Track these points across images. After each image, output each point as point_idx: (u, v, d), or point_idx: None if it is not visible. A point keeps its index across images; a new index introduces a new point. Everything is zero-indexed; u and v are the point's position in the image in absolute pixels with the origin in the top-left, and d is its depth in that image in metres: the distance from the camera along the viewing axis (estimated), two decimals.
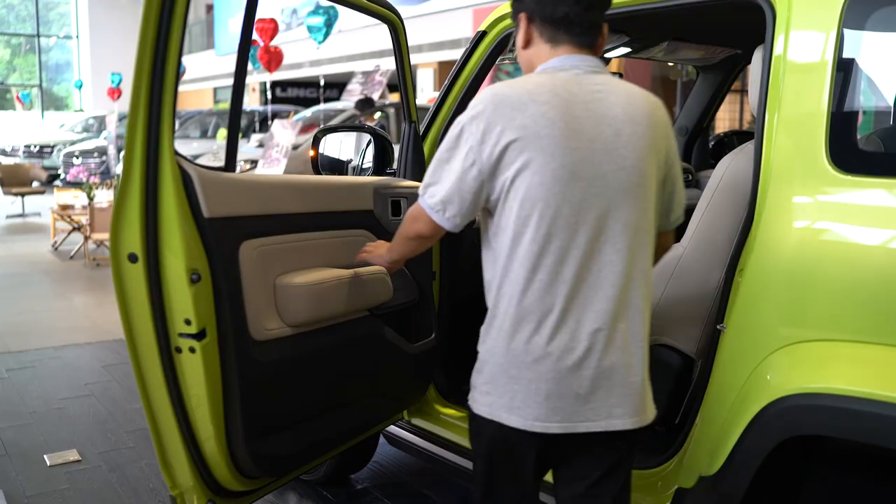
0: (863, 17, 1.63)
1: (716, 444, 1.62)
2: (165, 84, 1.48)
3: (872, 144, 1.85)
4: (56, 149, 15.72)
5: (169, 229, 1.52)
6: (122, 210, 1.51)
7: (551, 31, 1.53)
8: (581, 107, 1.42)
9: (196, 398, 1.64)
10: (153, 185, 1.50)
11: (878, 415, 1.31)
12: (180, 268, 1.53)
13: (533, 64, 1.59)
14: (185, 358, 1.58)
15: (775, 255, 1.54)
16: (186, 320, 1.56)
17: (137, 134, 1.48)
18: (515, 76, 5.60)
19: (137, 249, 1.51)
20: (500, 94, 1.43)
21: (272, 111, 11.15)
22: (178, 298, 1.55)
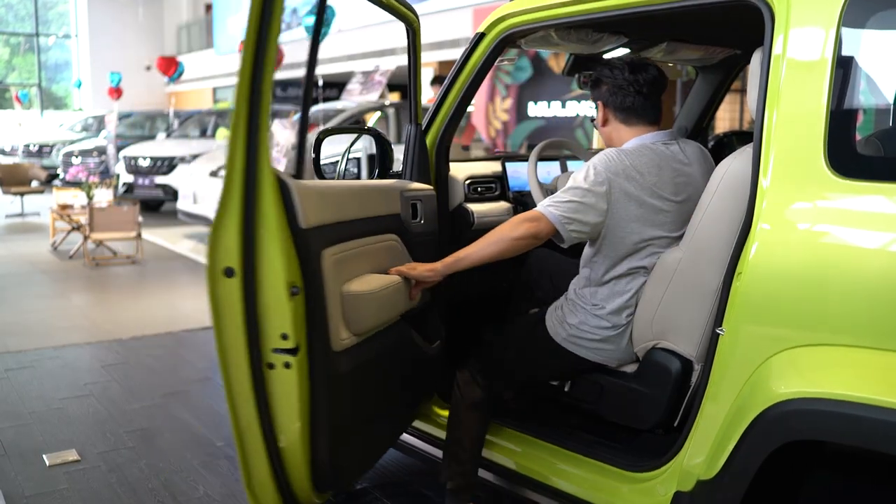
0: (862, 17, 1.63)
1: (714, 447, 1.62)
2: (263, 100, 1.46)
3: (871, 147, 1.85)
4: (55, 148, 15.70)
5: (269, 242, 1.47)
6: (222, 225, 1.46)
7: (624, 115, 2.13)
8: None
9: (286, 415, 1.58)
10: (252, 198, 1.45)
11: (876, 420, 1.31)
12: (280, 281, 1.48)
13: (612, 138, 2.18)
14: (278, 374, 1.53)
15: (773, 259, 1.54)
16: (283, 335, 1.51)
17: (238, 149, 1.44)
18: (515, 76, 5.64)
19: (235, 263, 1.47)
20: None
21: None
22: (275, 313, 1.50)
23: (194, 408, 3.71)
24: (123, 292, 6.50)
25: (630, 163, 2.04)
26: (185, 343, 4.88)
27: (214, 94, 24.25)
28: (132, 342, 4.86)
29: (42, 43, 26.91)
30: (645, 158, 2.05)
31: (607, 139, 2.22)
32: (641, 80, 2.10)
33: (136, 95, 23.41)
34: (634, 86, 2.10)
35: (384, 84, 9.40)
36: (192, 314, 5.63)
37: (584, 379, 2.22)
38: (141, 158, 10.79)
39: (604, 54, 2.82)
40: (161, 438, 3.34)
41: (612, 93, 2.13)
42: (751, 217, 1.60)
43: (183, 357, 4.59)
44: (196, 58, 23.32)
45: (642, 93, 2.10)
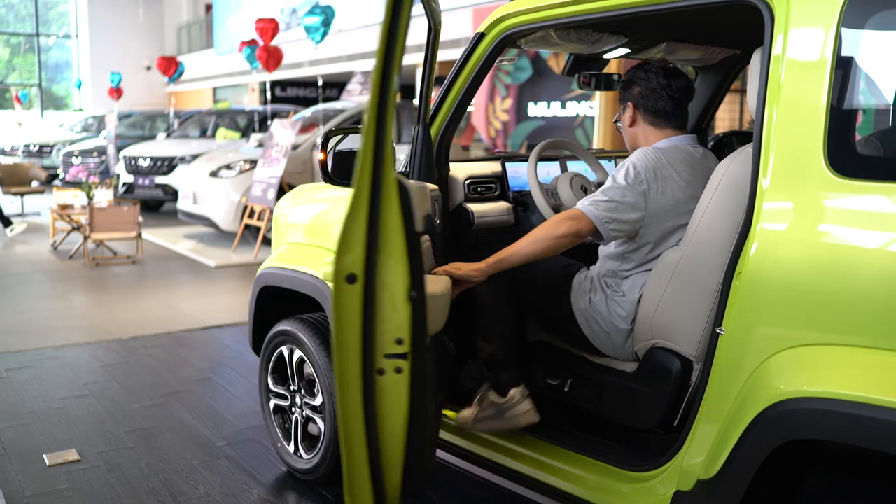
0: (862, 17, 1.63)
1: (714, 447, 1.62)
2: (389, 108, 1.46)
3: (871, 147, 1.85)
4: (55, 148, 15.71)
5: (392, 248, 1.47)
6: (350, 232, 1.45)
7: (653, 118, 2.21)
8: None
9: (392, 420, 1.58)
10: (378, 204, 1.44)
11: (875, 419, 1.31)
12: (400, 286, 1.48)
13: (637, 139, 2.24)
14: (389, 380, 1.53)
15: (773, 259, 1.54)
16: (398, 340, 1.51)
17: (367, 156, 1.42)
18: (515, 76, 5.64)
19: (358, 270, 1.46)
20: None
21: (272, 111, 11.14)
22: (392, 318, 1.50)
23: (194, 408, 3.71)
24: (123, 292, 6.50)
25: (667, 160, 2.11)
26: (185, 343, 4.89)
27: (214, 94, 24.25)
28: (132, 342, 4.86)
29: (42, 43, 26.92)
30: (679, 157, 2.13)
31: (632, 140, 2.28)
32: (675, 86, 2.18)
33: (137, 95, 23.43)
34: (668, 90, 2.17)
35: None
36: (192, 314, 5.63)
37: (583, 378, 2.22)
38: (141, 158, 10.79)
39: (604, 54, 2.82)
40: (161, 438, 3.35)
41: (644, 95, 2.20)
42: (750, 217, 1.60)
43: (183, 357, 4.59)
44: (196, 58, 23.33)
45: (674, 98, 2.18)
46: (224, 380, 4.15)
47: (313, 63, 15.97)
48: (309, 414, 2.86)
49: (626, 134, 2.31)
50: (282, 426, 3.04)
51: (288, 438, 3.00)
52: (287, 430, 3.01)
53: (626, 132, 2.31)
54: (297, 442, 2.93)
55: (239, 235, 8.31)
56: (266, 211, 7.79)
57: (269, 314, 3.09)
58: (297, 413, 2.93)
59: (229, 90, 23.49)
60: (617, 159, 3.19)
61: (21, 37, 27.10)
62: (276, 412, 3.06)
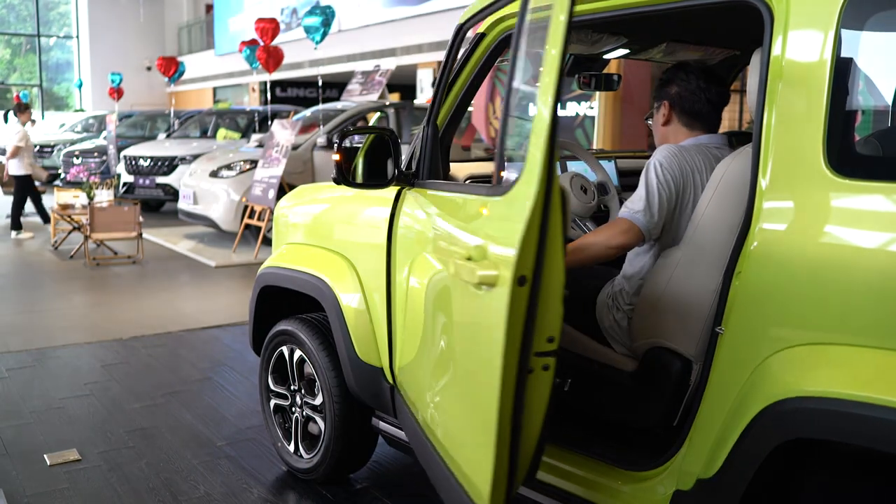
0: (861, 18, 1.64)
1: (714, 446, 1.62)
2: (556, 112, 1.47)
3: (870, 147, 1.85)
4: (56, 148, 15.71)
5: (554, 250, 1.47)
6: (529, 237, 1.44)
7: (688, 119, 2.22)
8: None
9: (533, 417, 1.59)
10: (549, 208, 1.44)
11: (875, 418, 1.31)
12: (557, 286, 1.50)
13: (667, 138, 2.26)
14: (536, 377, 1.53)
15: (773, 259, 1.55)
16: (549, 338, 1.52)
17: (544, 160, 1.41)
18: None
19: (529, 272, 1.45)
20: None
21: (272, 111, 11.15)
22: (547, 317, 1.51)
23: (195, 407, 3.72)
24: (124, 292, 6.50)
25: (689, 158, 2.13)
26: (185, 343, 4.89)
27: (215, 95, 24.27)
28: (132, 342, 4.87)
29: (43, 43, 26.93)
30: (700, 156, 2.15)
31: (662, 138, 2.30)
32: (713, 90, 2.20)
33: (137, 96, 23.44)
34: (706, 93, 2.19)
35: (384, 84, 9.41)
36: (192, 314, 5.64)
37: (583, 378, 2.22)
38: (141, 158, 10.79)
39: (604, 55, 2.82)
40: (161, 438, 3.35)
41: (681, 96, 2.22)
42: (750, 217, 1.60)
43: (183, 357, 4.60)
44: (196, 58, 23.34)
45: (711, 101, 2.20)
46: (224, 379, 4.15)
47: (313, 63, 15.98)
48: (309, 413, 2.86)
49: (657, 132, 2.32)
50: (282, 426, 3.04)
51: (288, 438, 3.00)
52: (287, 429, 3.01)
53: (657, 130, 2.32)
54: (298, 441, 2.93)
55: (239, 235, 8.32)
56: (266, 211, 7.80)
57: (270, 314, 3.09)
58: (297, 413, 2.93)
59: (229, 90, 23.51)
60: (617, 159, 3.19)
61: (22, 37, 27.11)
62: (277, 412, 3.06)
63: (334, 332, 2.63)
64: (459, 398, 1.74)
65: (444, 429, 1.87)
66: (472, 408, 1.65)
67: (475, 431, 1.62)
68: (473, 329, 1.65)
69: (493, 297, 1.49)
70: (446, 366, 1.85)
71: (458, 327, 1.77)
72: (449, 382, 1.83)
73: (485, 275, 1.48)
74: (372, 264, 2.51)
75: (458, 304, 1.75)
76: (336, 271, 2.65)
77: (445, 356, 1.85)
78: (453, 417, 1.80)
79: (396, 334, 2.42)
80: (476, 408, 1.62)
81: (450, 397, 1.83)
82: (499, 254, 1.50)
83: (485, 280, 1.49)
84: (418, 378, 2.13)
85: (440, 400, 1.90)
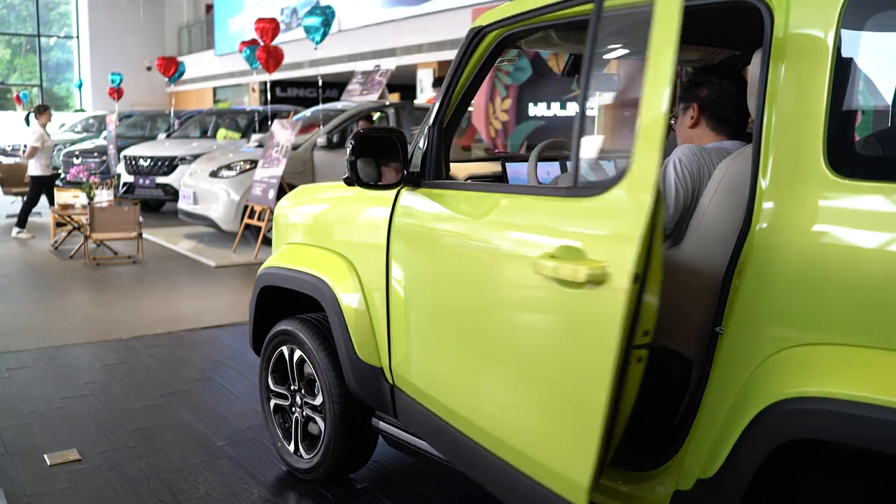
0: (861, 18, 1.64)
1: (714, 446, 1.62)
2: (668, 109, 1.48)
3: (870, 147, 1.86)
4: (56, 149, 15.70)
5: (656, 247, 1.50)
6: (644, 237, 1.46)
7: (716, 123, 2.23)
8: None
9: (623, 408, 1.61)
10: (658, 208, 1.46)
11: (875, 419, 1.32)
12: (658, 282, 1.53)
13: (692, 140, 2.24)
14: (632, 369, 1.57)
15: (773, 259, 1.55)
16: (645, 332, 1.55)
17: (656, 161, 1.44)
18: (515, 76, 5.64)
19: (641, 270, 1.48)
20: None
21: (272, 111, 11.15)
22: (646, 312, 1.54)
23: (195, 407, 3.72)
24: (124, 292, 6.50)
25: (708, 160, 2.14)
26: (185, 343, 4.89)
27: (215, 95, 24.27)
28: (132, 342, 4.87)
29: (43, 43, 26.93)
30: (719, 160, 2.14)
31: (686, 139, 2.28)
32: (743, 95, 2.18)
33: (137, 96, 23.45)
34: (737, 99, 2.19)
35: (384, 84, 9.41)
36: (192, 314, 5.64)
37: None
38: (142, 158, 10.79)
39: (604, 55, 2.82)
40: (161, 438, 3.35)
41: (711, 99, 2.21)
42: (750, 217, 1.61)
43: (183, 357, 4.60)
44: (197, 58, 23.34)
45: (740, 108, 2.19)
46: (224, 379, 4.15)
47: (313, 63, 15.98)
48: (309, 414, 2.86)
49: (682, 133, 2.31)
50: (282, 426, 3.04)
51: (288, 438, 3.00)
52: (287, 429, 3.01)
53: (683, 131, 2.31)
54: (298, 441, 2.93)
55: (239, 235, 8.32)
56: (266, 211, 7.80)
57: (270, 314, 3.09)
58: (297, 413, 2.93)
59: (230, 90, 23.52)
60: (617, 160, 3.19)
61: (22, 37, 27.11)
62: (277, 412, 3.06)
63: (334, 332, 2.63)
64: (545, 395, 1.74)
65: (508, 429, 1.86)
66: (566, 403, 1.67)
67: (570, 426, 1.64)
68: (568, 327, 1.66)
69: (600, 295, 1.51)
70: (514, 365, 1.84)
71: (537, 326, 1.77)
72: (522, 381, 1.82)
73: (593, 273, 1.50)
74: (372, 264, 2.51)
75: (536, 304, 1.76)
76: (336, 271, 2.65)
77: (512, 355, 1.85)
78: (530, 415, 1.79)
79: (402, 333, 2.42)
80: (574, 402, 1.63)
81: (523, 395, 1.82)
82: (608, 253, 1.52)
83: (593, 278, 1.51)
84: (454, 379, 2.12)
85: (502, 400, 1.90)
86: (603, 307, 1.51)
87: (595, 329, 1.54)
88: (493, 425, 1.91)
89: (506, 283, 1.90)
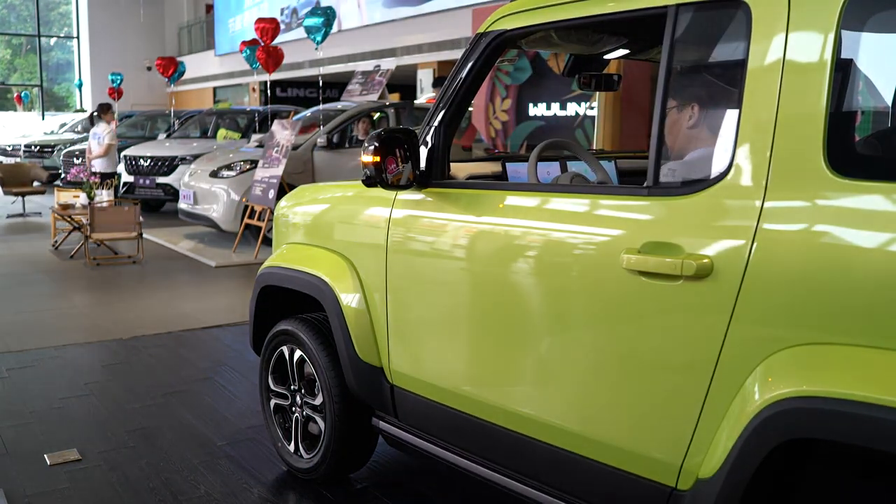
0: (861, 19, 1.64)
1: (714, 446, 1.62)
2: None
3: (870, 147, 1.86)
4: (56, 149, 15.72)
5: None
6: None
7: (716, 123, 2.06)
8: None
9: None
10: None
11: (875, 418, 1.32)
12: None
13: (690, 140, 2.10)
14: None
15: (773, 259, 1.55)
16: None
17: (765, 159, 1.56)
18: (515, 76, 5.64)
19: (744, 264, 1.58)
20: None
21: (272, 111, 11.15)
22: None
23: (195, 407, 3.72)
24: (124, 292, 6.51)
25: None
26: (185, 343, 4.89)
27: (215, 95, 24.27)
28: (132, 342, 4.87)
29: (43, 44, 26.94)
30: None
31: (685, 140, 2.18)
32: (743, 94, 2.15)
33: (137, 96, 23.46)
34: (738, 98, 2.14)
35: (384, 84, 9.41)
36: (192, 314, 5.64)
37: None
38: (141, 158, 10.80)
39: (604, 55, 2.82)
40: (162, 438, 3.35)
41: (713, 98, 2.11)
42: None
43: (183, 357, 4.60)
44: (197, 58, 23.34)
45: None
46: (224, 379, 4.15)
47: (313, 63, 15.98)
48: (309, 413, 2.86)
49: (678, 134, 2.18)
50: (282, 426, 3.04)
51: (288, 438, 3.00)
52: (287, 429, 3.01)
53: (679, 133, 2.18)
54: (298, 441, 2.93)
55: (239, 235, 8.32)
56: (266, 211, 7.80)
57: (270, 314, 3.09)
58: (297, 413, 2.93)
59: (230, 90, 23.51)
60: (617, 160, 3.19)
61: (22, 37, 27.12)
62: (277, 412, 3.06)
63: (334, 331, 2.63)
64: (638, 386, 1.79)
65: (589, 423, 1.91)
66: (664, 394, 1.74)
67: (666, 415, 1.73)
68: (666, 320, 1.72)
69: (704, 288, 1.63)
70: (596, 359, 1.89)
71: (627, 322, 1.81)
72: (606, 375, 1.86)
73: (701, 265, 1.61)
74: (372, 264, 2.51)
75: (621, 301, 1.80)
76: (336, 271, 2.65)
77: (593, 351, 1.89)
78: (619, 407, 1.84)
79: (406, 331, 2.42)
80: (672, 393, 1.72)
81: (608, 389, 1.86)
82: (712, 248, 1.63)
83: (700, 272, 1.62)
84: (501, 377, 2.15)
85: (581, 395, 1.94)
86: (710, 299, 1.62)
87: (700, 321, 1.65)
88: (559, 417, 1.97)
89: (579, 283, 1.92)
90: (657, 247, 1.71)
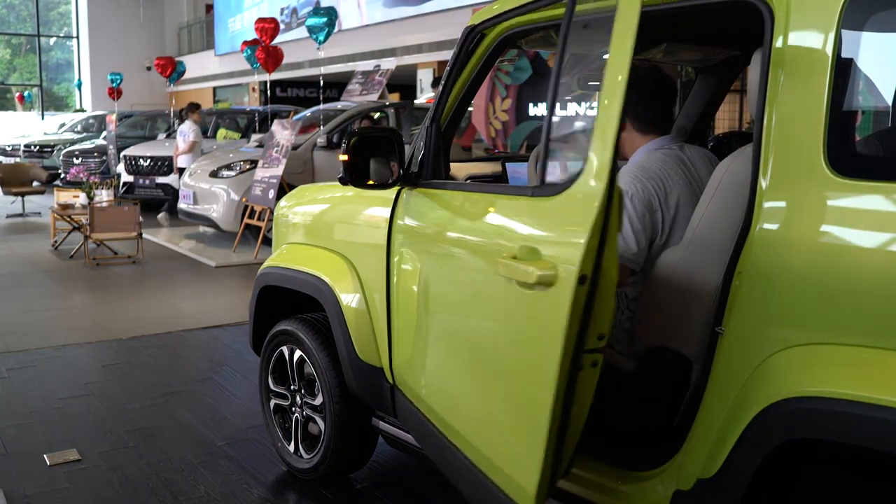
0: (862, 18, 1.64)
1: (714, 446, 1.62)
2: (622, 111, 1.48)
3: (871, 147, 1.85)
4: (56, 149, 15.71)
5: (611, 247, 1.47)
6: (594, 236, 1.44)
7: (641, 125, 2.22)
8: None
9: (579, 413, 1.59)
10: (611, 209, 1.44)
11: (875, 418, 1.32)
12: (612, 284, 1.51)
13: (623, 145, 2.22)
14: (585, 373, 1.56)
15: (773, 259, 1.55)
16: (600, 335, 1.54)
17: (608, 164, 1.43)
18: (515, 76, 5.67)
19: (589, 271, 1.45)
20: None
21: (272, 111, 11.15)
22: (600, 315, 1.52)
23: (195, 407, 3.72)
24: (124, 292, 6.50)
25: (654, 169, 2.13)
26: (185, 343, 4.89)
27: (215, 95, 24.26)
28: (132, 342, 4.87)
29: (43, 43, 26.93)
30: (661, 160, 2.15)
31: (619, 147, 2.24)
32: (663, 91, 2.19)
33: (137, 96, 23.44)
34: (657, 97, 2.19)
35: (384, 84, 9.40)
36: (192, 314, 5.64)
37: None
38: (141, 158, 10.79)
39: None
40: (161, 438, 3.35)
41: (634, 102, 2.15)
42: (750, 217, 1.60)
43: (183, 357, 4.60)
44: (196, 58, 23.33)
45: (662, 105, 2.20)
46: (224, 380, 4.15)
47: (313, 63, 15.97)
48: (309, 414, 2.86)
49: None
50: (282, 426, 3.04)
51: (288, 438, 3.00)
52: (287, 429, 3.01)
53: None
54: (298, 441, 2.93)
55: (239, 235, 8.32)
56: (266, 211, 7.80)
57: (270, 314, 3.09)
58: (297, 413, 2.93)
59: (230, 90, 23.51)
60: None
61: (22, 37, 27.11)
62: (277, 412, 3.06)
63: (334, 332, 2.63)
64: (501, 397, 1.73)
65: (473, 429, 1.86)
66: (517, 406, 1.65)
67: (520, 429, 1.62)
68: (522, 328, 1.65)
69: (550, 297, 1.49)
70: (480, 365, 1.84)
71: (500, 326, 1.76)
72: (484, 381, 1.82)
73: (543, 274, 1.47)
74: (372, 264, 2.50)
75: (500, 304, 1.75)
76: (336, 271, 2.65)
77: (480, 355, 1.85)
78: (489, 416, 1.79)
79: (399, 333, 2.42)
80: (523, 405, 1.62)
81: (485, 396, 1.81)
82: (558, 253, 1.50)
83: (543, 280, 1.48)
84: (435, 378, 2.12)
85: (469, 400, 1.89)
86: (550, 310, 1.49)
87: (543, 332, 1.52)
88: (463, 424, 1.92)
89: (475, 285, 1.90)
90: (526, 252, 1.61)
